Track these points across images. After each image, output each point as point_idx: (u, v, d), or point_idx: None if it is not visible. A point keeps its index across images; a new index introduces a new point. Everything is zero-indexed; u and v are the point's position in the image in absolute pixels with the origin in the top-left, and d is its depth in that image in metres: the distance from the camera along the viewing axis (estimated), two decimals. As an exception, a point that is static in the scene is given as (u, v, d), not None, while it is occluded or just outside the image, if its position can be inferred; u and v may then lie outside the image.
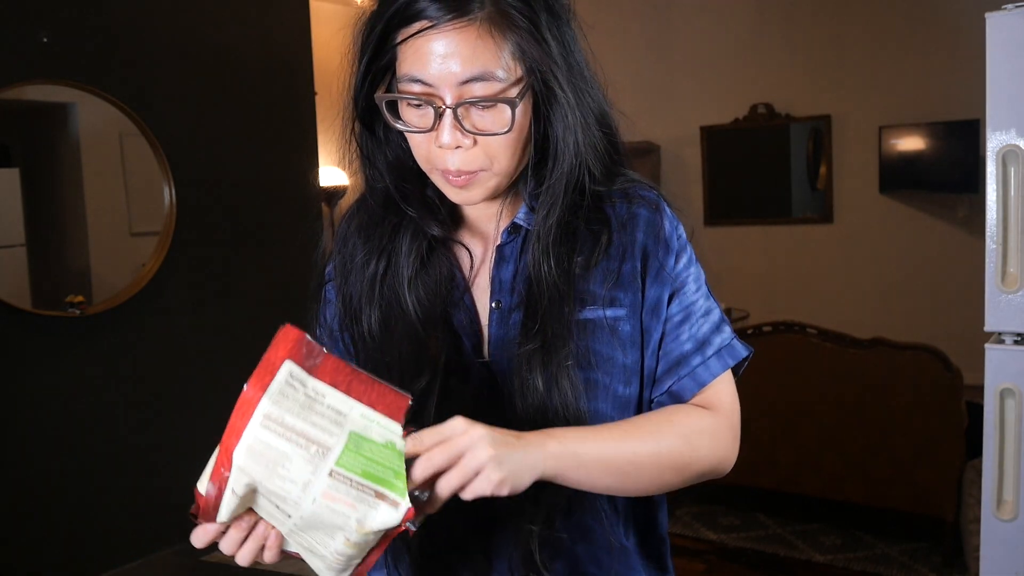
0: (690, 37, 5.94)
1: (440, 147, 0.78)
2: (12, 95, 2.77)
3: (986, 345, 1.76)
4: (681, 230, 0.89)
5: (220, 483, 0.67)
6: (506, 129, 0.77)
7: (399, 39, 0.77)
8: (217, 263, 3.39)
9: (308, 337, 0.68)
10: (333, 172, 4.98)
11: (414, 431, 0.69)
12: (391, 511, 0.64)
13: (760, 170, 5.96)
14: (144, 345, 3.14)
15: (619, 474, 0.78)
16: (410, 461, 0.67)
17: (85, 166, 3.09)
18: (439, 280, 0.86)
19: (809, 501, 3.24)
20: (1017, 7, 1.67)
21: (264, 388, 0.65)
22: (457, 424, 0.70)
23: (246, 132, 3.45)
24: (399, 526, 0.65)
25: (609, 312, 0.84)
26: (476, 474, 0.68)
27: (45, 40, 2.79)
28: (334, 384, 0.67)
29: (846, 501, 3.08)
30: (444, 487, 0.68)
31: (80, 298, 2.98)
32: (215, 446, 0.71)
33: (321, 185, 4.60)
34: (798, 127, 5.72)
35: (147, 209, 3.19)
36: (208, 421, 3.84)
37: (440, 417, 0.79)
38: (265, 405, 0.65)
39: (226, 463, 0.66)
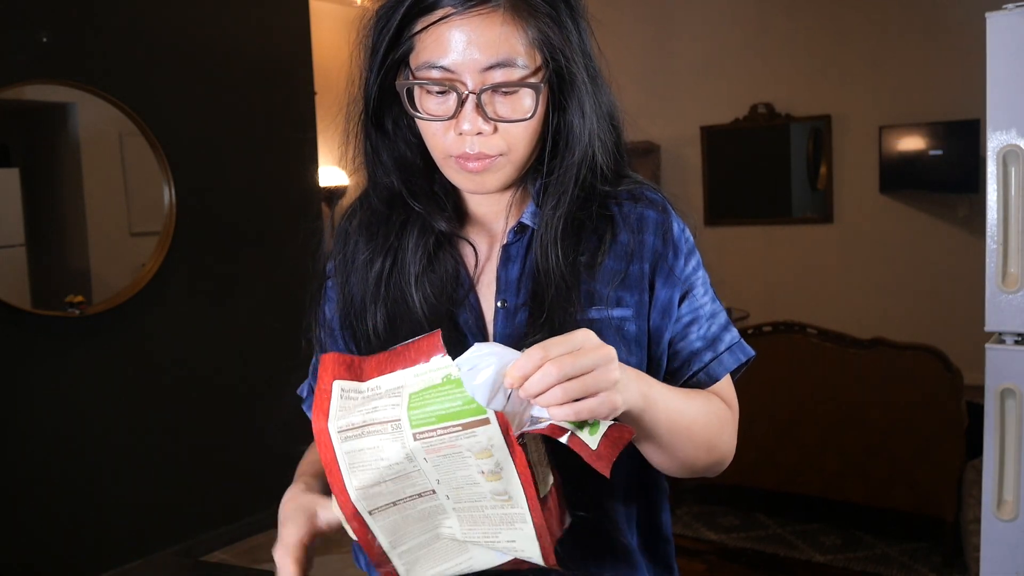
0: (690, 37, 5.94)
1: (460, 134, 0.78)
2: (12, 95, 2.77)
3: (986, 345, 1.76)
4: (688, 233, 0.89)
5: (355, 519, 0.70)
6: (528, 116, 0.78)
7: (418, 28, 0.78)
8: (217, 263, 3.39)
9: (344, 356, 0.70)
10: (333, 172, 4.98)
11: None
12: (486, 428, 0.64)
13: (760, 170, 5.96)
14: (144, 345, 3.14)
15: (676, 435, 0.79)
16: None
17: (85, 166, 3.09)
18: (445, 278, 0.86)
19: (809, 501, 3.24)
20: (1017, 7, 1.67)
21: (326, 414, 0.68)
22: (590, 336, 0.68)
23: (246, 132, 3.45)
24: (511, 437, 0.64)
25: (615, 312, 0.84)
26: (598, 393, 0.66)
27: (45, 40, 2.79)
28: (382, 373, 0.69)
29: (846, 501, 3.08)
30: (563, 396, 0.64)
31: (80, 298, 2.98)
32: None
33: (321, 185, 4.60)
34: (798, 127, 5.72)
35: (147, 209, 3.19)
36: (208, 421, 3.86)
37: None
38: (334, 424, 0.67)
39: (345, 502, 0.69)
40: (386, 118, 0.86)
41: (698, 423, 0.81)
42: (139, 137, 3.09)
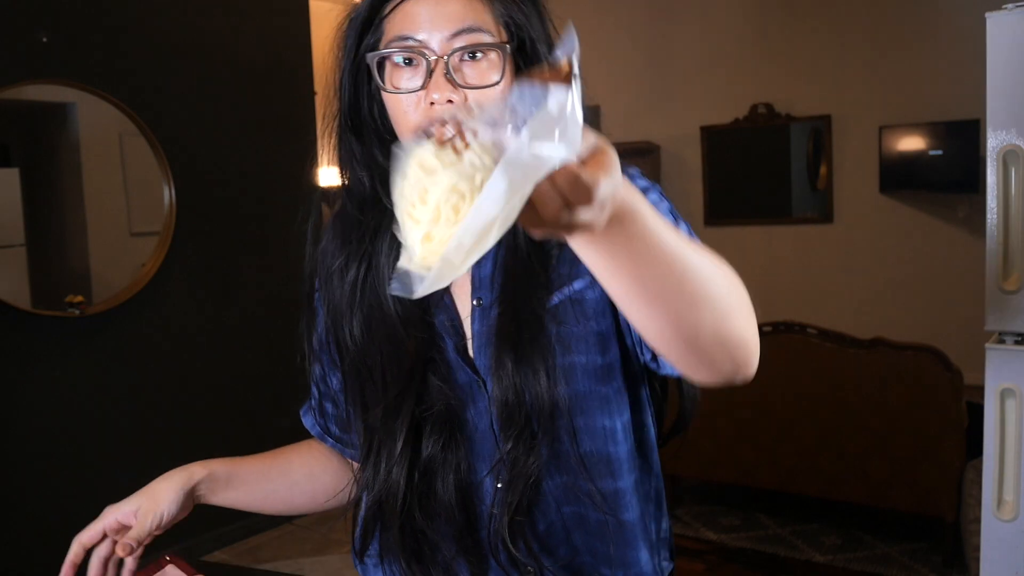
0: (690, 37, 5.94)
1: (432, 104, 0.78)
2: (12, 95, 2.77)
3: (986, 345, 1.76)
4: (666, 205, 0.83)
5: None
6: (498, 78, 0.78)
7: (387, 11, 0.80)
8: (217, 263, 3.39)
9: None
10: (333, 172, 4.98)
11: None
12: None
13: (760, 170, 5.96)
14: (144, 345, 3.14)
15: (669, 275, 0.61)
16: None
17: (85, 166, 3.09)
18: None
19: (809, 501, 3.24)
20: (1017, 7, 1.67)
21: None
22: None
23: (246, 132, 3.45)
24: None
25: (575, 285, 0.84)
26: (571, 221, 0.50)
27: (45, 40, 2.79)
28: None
29: (846, 501, 3.08)
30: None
31: (80, 298, 2.98)
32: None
33: (321, 185, 4.60)
34: (798, 127, 5.71)
35: (147, 209, 3.19)
36: (208, 421, 3.85)
37: (415, 420, 0.81)
38: None
39: None
40: (362, 122, 0.87)
41: (699, 269, 0.64)
42: (139, 137, 3.09)
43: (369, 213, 0.88)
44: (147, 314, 3.14)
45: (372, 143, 0.87)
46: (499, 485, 0.84)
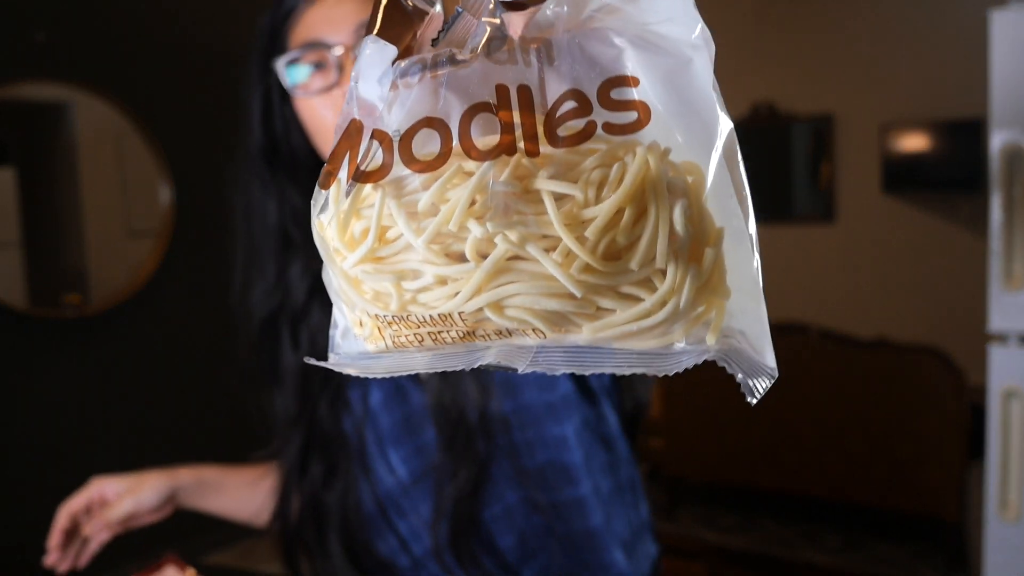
0: (691, 36, 5.92)
1: None
2: (8, 94, 2.76)
3: (990, 346, 1.75)
4: None
5: None
6: None
7: (289, 26, 0.79)
8: (215, 263, 3.37)
9: None
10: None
11: None
12: None
13: (761, 170, 5.94)
14: (141, 345, 3.13)
15: None
16: None
17: (82, 165, 3.07)
18: (324, 320, 0.85)
19: (811, 502, 3.23)
20: (1022, 4, 1.66)
21: None
22: None
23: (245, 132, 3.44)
24: None
25: None
26: None
27: (43, 39, 2.78)
28: None
29: (848, 502, 3.06)
30: None
31: (77, 298, 2.97)
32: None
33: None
34: (800, 126, 5.70)
35: (145, 208, 3.18)
36: (206, 422, 3.83)
37: (303, 448, 0.82)
38: None
39: None
40: (276, 152, 0.87)
41: None
42: (137, 137, 3.08)
43: (278, 247, 0.87)
44: (145, 314, 3.13)
45: (282, 176, 0.87)
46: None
